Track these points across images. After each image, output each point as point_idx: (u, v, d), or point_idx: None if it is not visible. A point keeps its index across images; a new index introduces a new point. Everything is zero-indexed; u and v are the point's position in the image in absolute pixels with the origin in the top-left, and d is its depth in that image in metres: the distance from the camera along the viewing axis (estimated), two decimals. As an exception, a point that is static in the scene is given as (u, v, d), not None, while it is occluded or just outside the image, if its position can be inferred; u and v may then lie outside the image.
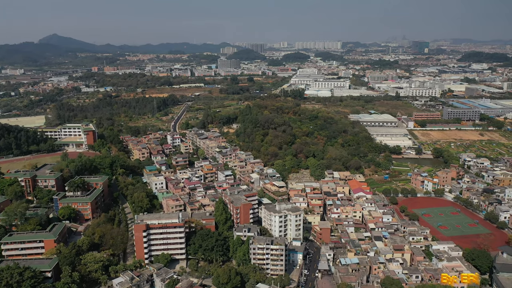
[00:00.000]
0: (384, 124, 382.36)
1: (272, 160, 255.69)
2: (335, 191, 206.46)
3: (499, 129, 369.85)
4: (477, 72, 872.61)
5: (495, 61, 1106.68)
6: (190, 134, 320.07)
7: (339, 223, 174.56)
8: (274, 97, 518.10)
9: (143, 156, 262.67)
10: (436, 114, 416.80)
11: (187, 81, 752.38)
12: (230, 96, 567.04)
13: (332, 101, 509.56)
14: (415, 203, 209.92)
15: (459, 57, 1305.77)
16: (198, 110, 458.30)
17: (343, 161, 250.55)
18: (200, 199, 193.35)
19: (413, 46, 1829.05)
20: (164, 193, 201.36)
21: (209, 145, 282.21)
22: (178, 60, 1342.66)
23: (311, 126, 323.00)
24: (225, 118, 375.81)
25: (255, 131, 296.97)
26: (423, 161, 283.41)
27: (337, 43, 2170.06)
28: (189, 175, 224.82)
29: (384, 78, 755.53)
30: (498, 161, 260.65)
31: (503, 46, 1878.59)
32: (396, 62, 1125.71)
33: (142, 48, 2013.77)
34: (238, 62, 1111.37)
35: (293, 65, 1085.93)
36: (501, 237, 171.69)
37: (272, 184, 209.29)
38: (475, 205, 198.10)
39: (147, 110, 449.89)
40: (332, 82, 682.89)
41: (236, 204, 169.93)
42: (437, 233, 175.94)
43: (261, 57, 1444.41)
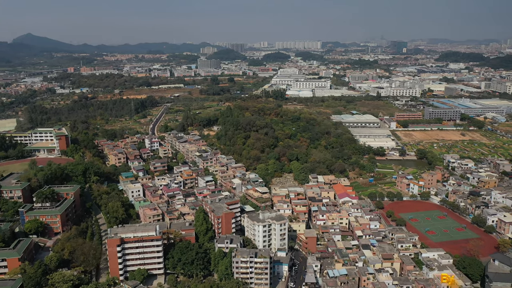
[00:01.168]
0: (367, 124, 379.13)
1: (254, 164, 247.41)
2: (320, 196, 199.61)
3: (479, 129, 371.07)
4: (455, 71, 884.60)
5: (472, 60, 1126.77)
6: (169, 137, 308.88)
7: (325, 231, 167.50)
8: (255, 97, 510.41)
9: (120, 162, 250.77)
10: (418, 114, 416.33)
11: (166, 82, 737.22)
12: (210, 97, 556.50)
13: (313, 102, 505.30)
14: (402, 207, 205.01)
15: (437, 57, 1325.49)
16: (177, 112, 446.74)
17: (327, 164, 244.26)
18: (179, 208, 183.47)
19: (392, 46, 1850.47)
20: (141, 202, 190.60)
21: (189, 149, 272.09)
22: (157, 60, 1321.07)
23: (294, 128, 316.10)
24: (205, 120, 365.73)
25: (236, 134, 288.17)
26: (407, 162, 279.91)
27: (317, 43, 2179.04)
28: (167, 181, 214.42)
29: (364, 78, 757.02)
30: (482, 162, 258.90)
31: (478, 46, 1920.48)
32: (376, 62, 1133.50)
33: (120, 48, 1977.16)
34: (219, 62, 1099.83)
35: (273, 65, 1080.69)
36: (489, 242, 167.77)
37: (255, 190, 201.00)
38: (462, 208, 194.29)
39: (124, 112, 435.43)
40: (313, 82, 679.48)
41: (217, 213, 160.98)
42: (425, 239, 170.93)
43: (241, 57, 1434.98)
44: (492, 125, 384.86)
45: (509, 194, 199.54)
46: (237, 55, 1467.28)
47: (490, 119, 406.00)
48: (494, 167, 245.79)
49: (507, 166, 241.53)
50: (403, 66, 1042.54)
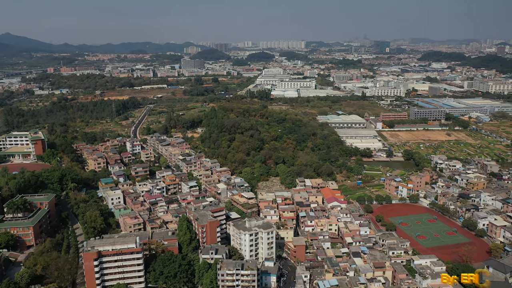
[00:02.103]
0: (353, 125, 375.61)
1: (239, 168, 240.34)
2: (307, 201, 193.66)
3: (465, 128, 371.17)
4: (437, 71, 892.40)
5: (453, 60, 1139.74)
6: (152, 140, 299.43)
7: (314, 238, 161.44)
8: (240, 98, 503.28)
9: (99, 167, 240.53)
10: (403, 114, 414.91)
11: (149, 82, 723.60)
12: (194, 97, 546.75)
13: (299, 102, 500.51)
14: (391, 210, 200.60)
15: (419, 56, 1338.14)
16: (160, 113, 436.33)
17: (314, 167, 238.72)
18: (161, 216, 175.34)
19: (375, 46, 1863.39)
20: (121, 210, 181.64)
21: (172, 152, 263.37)
22: (140, 60, 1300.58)
23: (280, 130, 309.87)
24: (189, 122, 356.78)
25: (221, 136, 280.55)
26: (394, 164, 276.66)
27: (301, 42, 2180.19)
28: (149, 187, 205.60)
29: (349, 78, 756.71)
30: (469, 163, 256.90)
31: (459, 46, 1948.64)
32: (360, 62, 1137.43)
33: (102, 48, 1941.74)
34: (202, 62, 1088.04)
35: (258, 65, 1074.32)
36: (481, 247, 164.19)
37: (241, 195, 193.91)
38: (452, 211, 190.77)
39: (105, 114, 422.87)
40: (298, 82, 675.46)
41: (201, 221, 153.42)
42: (416, 244, 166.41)
43: (225, 56, 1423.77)
44: (477, 124, 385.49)
45: (498, 196, 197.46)
46: (221, 55, 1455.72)
47: (474, 118, 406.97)
48: (481, 168, 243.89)
49: (494, 167, 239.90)
50: (386, 66, 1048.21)
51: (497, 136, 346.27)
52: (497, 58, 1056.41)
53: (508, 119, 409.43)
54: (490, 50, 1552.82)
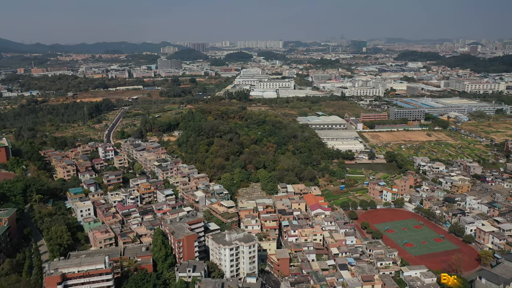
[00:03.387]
0: (333, 126, 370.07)
1: (218, 174, 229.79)
2: (290, 209, 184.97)
3: (444, 128, 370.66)
4: (414, 70, 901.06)
5: (428, 59, 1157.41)
6: (126, 145, 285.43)
7: (298, 250, 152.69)
8: (218, 99, 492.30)
9: (69, 175, 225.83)
10: (383, 114, 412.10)
11: (124, 83, 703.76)
12: (171, 99, 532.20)
13: (278, 103, 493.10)
14: (376, 216, 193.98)
15: (395, 56, 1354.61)
16: (136, 116, 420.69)
17: (296, 171, 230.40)
18: (135, 228, 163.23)
19: (352, 45, 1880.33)
20: (91, 223, 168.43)
21: (147, 158, 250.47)
22: (116, 60, 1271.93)
23: (259, 132, 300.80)
24: (165, 125, 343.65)
25: (198, 140, 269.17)
26: (376, 166, 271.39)
27: (279, 42, 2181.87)
28: (122, 197, 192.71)
29: (327, 78, 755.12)
30: (452, 165, 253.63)
31: (433, 45, 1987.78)
32: (337, 61, 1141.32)
33: (76, 47, 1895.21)
34: (180, 62, 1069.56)
35: (236, 65, 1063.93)
36: (470, 254, 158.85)
37: (220, 204, 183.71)
38: (438, 216, 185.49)
39: (77, 117, 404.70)
40: (277, 82, 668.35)
41: (178, 235, 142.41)
42: (404, 252, 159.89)
43: (203, 56, 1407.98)
44: (456, 124, 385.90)
45: (484, 200, 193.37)
46: (198, 54, 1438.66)
47: (453, 118, 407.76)
48: (464, 170, 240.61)
49: (477, 169, 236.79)
50: (364, 66, 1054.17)
51: (476, 136, 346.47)
52: (471, 58, 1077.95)
53: (485, 118, 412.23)
54: (463, 49, 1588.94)
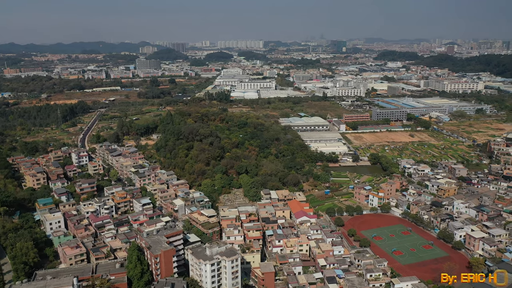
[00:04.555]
0: (316, 128, 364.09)
1: (199, 180, 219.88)
2: (274, 217, 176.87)
3: (426, 129, 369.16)
4: (393, 70, 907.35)
5: (407, 59, 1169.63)
6: (101, 150, 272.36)
7: (283, 262, 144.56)
8: (198, 101, 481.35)
9: (38, 183, 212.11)
10: (366, 115, 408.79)
11: (101, 84, 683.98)
12: (149, 100, 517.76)
13: (260, 104, 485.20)
14: (363, 222, 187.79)
15: (375, 56, 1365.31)
16: (112, 118, 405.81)
17: (280, 176, 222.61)
18: (109, 242, 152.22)
19: (332, 45, 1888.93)
20: (61, 237, 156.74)
21: (124, 164, 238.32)
22: (93, 61, 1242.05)
23: (241, 135, 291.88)
24: (143, 128, 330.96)
25: (177, 144, 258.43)
26: (360, 169, 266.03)
27: (259, 42, 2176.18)
28: (96, 207, 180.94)
29: (309, 78, 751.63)
30: (437, 167, 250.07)
31: (411, 45, 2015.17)
32: (318, 61, 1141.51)
33: (52, 47, 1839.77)
34: (159, 63, 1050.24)
35: (216, 65, 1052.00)
36: (460, 261, 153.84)
37: (200, 213, 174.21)
38: (426, 221, 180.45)
39: (50, 120, 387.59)
40: (258, 82, 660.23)
41: (154, 251, 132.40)
42: (393, 261, 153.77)
43: (183, 56, 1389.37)
44: (438, 124, 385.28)
45: (471, 204, 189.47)
46: (178, 55, 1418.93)
47: (434, 118, 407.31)
48: (449, 172, 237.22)
49: (462, 171, 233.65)
50: (344, 65, 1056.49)
51: (458, 136, 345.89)
52: (448, 57, 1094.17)
53: (466, 118, 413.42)
54: (440, 49, 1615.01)
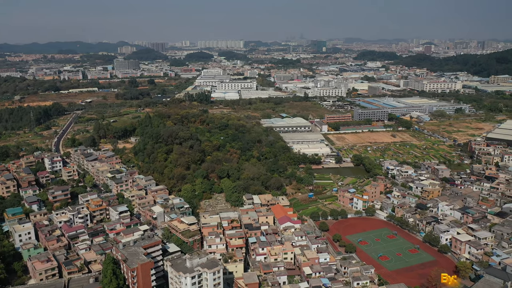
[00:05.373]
0: (298, 129, 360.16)
1: (178, 185, 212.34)
2: (257, 223, 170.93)
3: (408, 129, 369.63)
4: (373, 70, 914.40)
5: (386, 59, 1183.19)
6: (76, 154, 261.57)
7: (267, 271, 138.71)
8: (178, 102, 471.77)
9: (8, 191, 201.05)
10: (347, 115, 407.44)
11: (77, 85, 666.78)
12: (128, 102, 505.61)
13: (241, 105, 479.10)
14: (347, 226, 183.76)
15: (355, 56, 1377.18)
16: (89, 121, 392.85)
17: (262, 180, 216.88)
18: (83, 253, 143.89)
19: (312, 45, 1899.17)
20: (31, 249, 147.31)
21: (100, 169, 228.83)
22: (70, 61, 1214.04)
23: (222, 137, 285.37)
24: (121, 131, 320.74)
25: (156, 148, 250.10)
26: (344, 170, 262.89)
27: (240, 42, 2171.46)
28: (69, 216, 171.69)
29: (289, 78, 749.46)
30: (420, 167, 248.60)
31: (389, 45, 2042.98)
32: (299, 61, 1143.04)
33: (27, 47, 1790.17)
34: (138, 63, 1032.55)
35: (196, 65, 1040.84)
36: (447, 265, 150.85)
37: (180, 221, 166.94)
38: (411, 224, 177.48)
39: (23, 123, 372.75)
40: (239, 83, 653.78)
41: (131, 263, 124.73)
42: (380, 267, 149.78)
43: (162, 56, 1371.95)
44: (419, 124, 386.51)
45: (456, 205, 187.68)
46: (157, 55, 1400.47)
47: (415, 118, 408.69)
48: (433, 173, 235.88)
49: (445, 172, 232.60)
50: (325, 65, 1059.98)
51: (439, 136, 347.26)
52: (427, 57, 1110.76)
53: (446, 118, 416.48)
54: (418, 49, 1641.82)
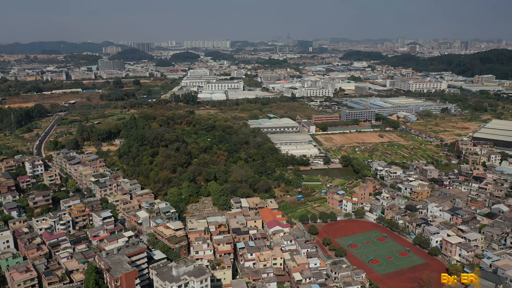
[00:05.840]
0: (286, 129, 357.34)
1: (164, 189, 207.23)
2: (245, 227, 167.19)
3: (395, 129, 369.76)
4: (360, 70, 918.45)
5: (372, 59, 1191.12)
6: (58, 157, 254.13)
7: (256, 278, 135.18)
8: (164, 103, 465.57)
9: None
10: (335, 116, 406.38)
11: (61, 86, 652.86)
12: (112, 103, 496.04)
13: (228, 105, 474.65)
14: (337, 229, 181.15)
15: (341, 56, 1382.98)
16: (72, 123, 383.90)
17: (250, 182, 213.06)
18: (64, 262, 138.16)
19: (298, 45, 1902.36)
20: (10, 259, 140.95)
21: (83, 173, 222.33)
22: (53, 61, 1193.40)
23: (209, 139, 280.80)
24: (105, 133, 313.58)
25: (141, 151, 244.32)
26: (332, 171, 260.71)
27: (226, 42, 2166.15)
28: (50, 223, 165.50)
29: (276, 78, 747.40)
30: (408, 168, 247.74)
31: (375, 45, 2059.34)
32: (285, 61, 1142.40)
33: (9, 47, 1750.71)
34: (123, 63, 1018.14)
35: (183, 65, 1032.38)
36: (437, 268, 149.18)
37: (166, 226, 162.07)
38: (401, 226, 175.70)
39: (4, 125, 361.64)
40: (225, 83, 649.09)
41: (114, 273, 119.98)
42: (371, 271, 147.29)
43: (148, 57, 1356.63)
44: (406, 124, 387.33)
45: (445, 207, 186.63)
46: (143, 55, 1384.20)
47: (402, 118, 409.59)
48: (421, 174, 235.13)
49: (434, 172, 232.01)
50: (311, 65, 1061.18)
51: (426, 136, 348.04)
52: (412, 57, 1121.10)
53: (432, 117, 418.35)
54: (403, 49, 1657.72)
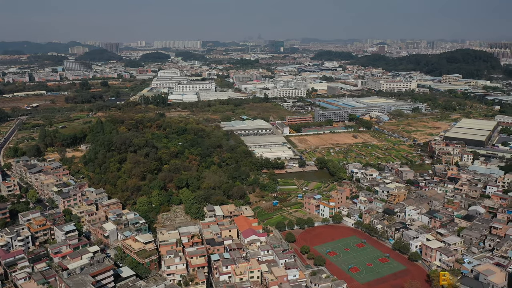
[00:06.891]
0: (260, 131, 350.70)
1: (133, 198, 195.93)
2: (220, 237, 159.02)
3: (368, 129, 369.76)
4: (331, 70, 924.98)
5: (343, 59, 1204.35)
6: (17, 166, 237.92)
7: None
8: (133, 105, 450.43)
9: None
10: (308, 117, 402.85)
11: (23, 88, 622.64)
12: (79, 105, 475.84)
13: (200, 107, 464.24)
14: (315, 236, 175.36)
15: (312, 56, 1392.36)
16: (35, 127, 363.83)
17: (224, 188, 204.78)
18: (22, 284, 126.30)
19: (270, 45, 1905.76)
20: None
21: (44, 182, 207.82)
22: (16, 62, 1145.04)
23: (180, 143, 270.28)
24: (70, 138, 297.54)
25: (108, 157, 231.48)
26: (307, 174, 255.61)
27: (197, 42, 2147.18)
28: (6, 239, 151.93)
29: (248, 79, 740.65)
30: (383, 169, 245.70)
31: (345, 45, 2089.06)
32: (257, 61, 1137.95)
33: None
34: (90, 64, 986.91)
35: (153, 66, 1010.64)
36: (418, 274, 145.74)
37: (135, 239, 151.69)
38: (380, 231, 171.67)
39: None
40: (197, 84, 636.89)
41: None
42: (351, 280, 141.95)
43: (116, 57, 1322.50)
44: (378, 124, 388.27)
45: (423, 209, 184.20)
46: (111, 55, 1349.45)
47: (375, 118, 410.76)
48: (397, 175, 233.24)
49: (409, 174, 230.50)
50: (283, 65, 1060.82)
51: (399, 136, 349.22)
52: (381, 57, 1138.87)
53: (404, 117, 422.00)
54: (372, 49, 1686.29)
